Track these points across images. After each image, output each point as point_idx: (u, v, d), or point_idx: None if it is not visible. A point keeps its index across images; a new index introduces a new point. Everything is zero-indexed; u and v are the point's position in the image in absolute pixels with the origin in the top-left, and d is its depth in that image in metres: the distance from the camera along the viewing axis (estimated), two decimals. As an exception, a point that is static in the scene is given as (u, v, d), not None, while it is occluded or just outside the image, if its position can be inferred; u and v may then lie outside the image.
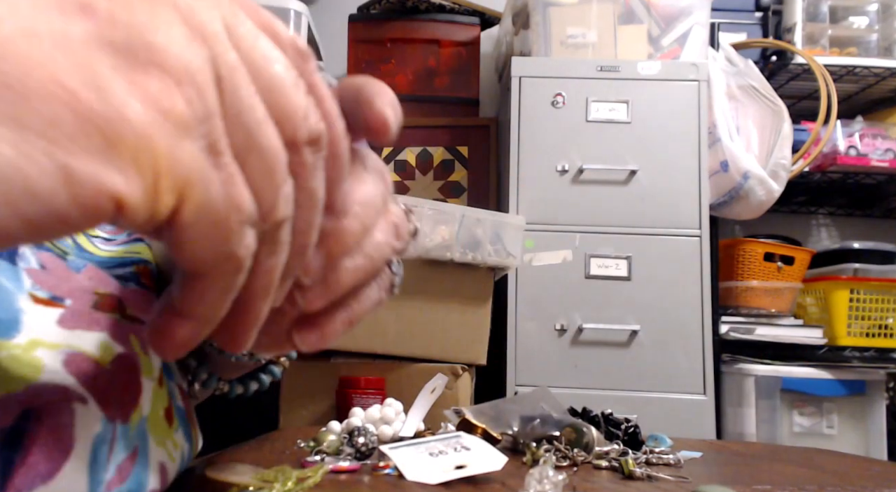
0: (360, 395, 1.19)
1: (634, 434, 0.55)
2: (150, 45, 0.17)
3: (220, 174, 0.19)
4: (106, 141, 0.16)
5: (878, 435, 1.68)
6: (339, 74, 2.08)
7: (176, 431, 0.36)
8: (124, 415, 0.30)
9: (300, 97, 0.21)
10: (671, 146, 1.64)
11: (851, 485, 0.44)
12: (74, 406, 0.27)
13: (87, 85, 0.16)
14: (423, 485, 0.39)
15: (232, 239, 0.20)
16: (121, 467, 0.30)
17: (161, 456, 0.33)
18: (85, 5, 0.17)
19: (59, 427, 0.26)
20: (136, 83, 0.17)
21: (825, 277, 1.83)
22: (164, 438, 0.34)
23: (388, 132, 0.25)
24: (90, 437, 0.28)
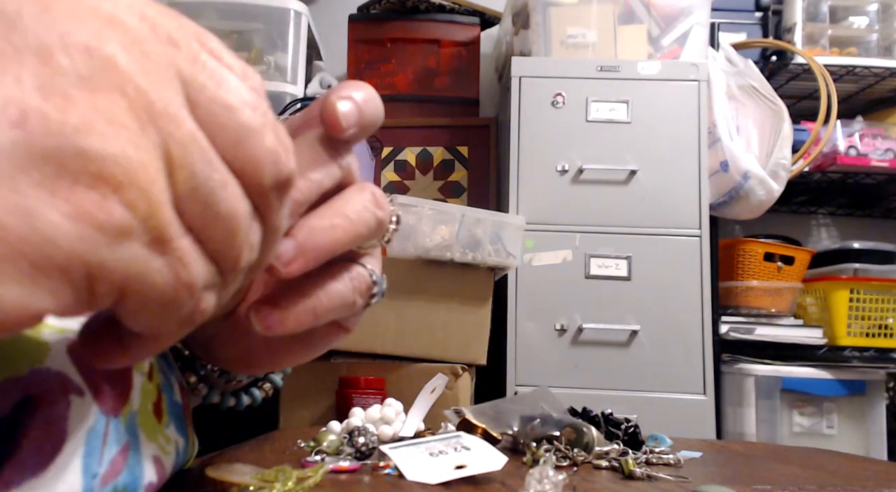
0: (360, 395, 1.19)
1: (634, 434, 0.55)
2: (83, 153, 0.16)
3: (168, 259, 0.18)
4: (33, 266, 0.16)
5: (878, 435, 1.68)
6: (339, 74, 2.08)
7: (167, 426, 0.36)
8: (116, 409, 0.30)
9: (268, 141, 0.20)
10: (671, 146, 1.64)
11: (851, 485, 0.44)
12: (71, 398, 0.28)
13: (12, 211, 0.16)
14: (423, 485, 0.39)
15: (183, 310, 0.19)
16: (114, 460, 0.30)
17: (154, 450, 0.33)
18: (19, 113, 0.16)
19: (53, 420, 0.27)
20: (67, 199, 0.16)
21: (825, 277, 1.83)
22: (155, 432, 0.34)
23: (336, 123, 0.25)
24: (84, 430, 0.28)
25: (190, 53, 0.19)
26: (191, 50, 0.19)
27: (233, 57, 0.21)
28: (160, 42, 0.18)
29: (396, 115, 1.99)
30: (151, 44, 0.18)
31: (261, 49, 1.88)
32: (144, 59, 0.17)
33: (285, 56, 1.87)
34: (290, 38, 1.88)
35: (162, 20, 0.18)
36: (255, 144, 0.19)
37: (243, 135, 0.19)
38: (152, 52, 0.18)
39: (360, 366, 1.29)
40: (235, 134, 0.19)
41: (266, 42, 1.89)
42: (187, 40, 0.19)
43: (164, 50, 0.18)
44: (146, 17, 0.18)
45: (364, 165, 1.79)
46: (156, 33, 0.18)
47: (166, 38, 0.18)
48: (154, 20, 0.18)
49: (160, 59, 0.18)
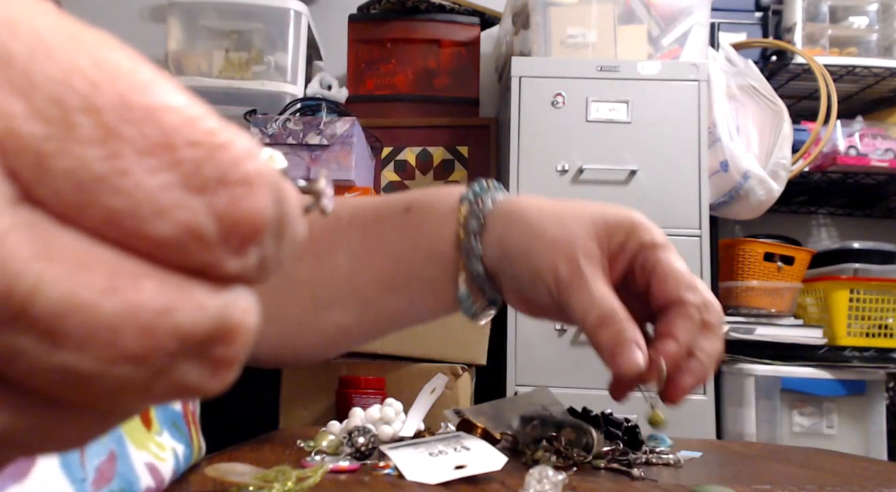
0: (360, 395, 1.19)
1: (634, 434, 0.55)
2: None
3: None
4: None
5: (878, 435, 1.68)
6: (339, 74, 2.08)
7: (159, 434, 0.36)
8: None
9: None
10: (671, 146, 1.64)
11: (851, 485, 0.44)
12: None
13: None
14: (423, 485, 0.39)
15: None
16: (101, 468, 0.30)
17: (146, 457, 0.33)
18: None
19: None
20: None
21: (825, 277, 1.82)
22: (145, 440, 0.34)
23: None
24: None
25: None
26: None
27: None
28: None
29: (396, 116, 1.99)
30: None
31: (261, 49, 1.88)
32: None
33: (285, 56, 1.87)
34: (290, 38, 1.88)
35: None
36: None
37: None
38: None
39: (360, 366, 1.29)
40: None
41: (266, 42, 1.89)
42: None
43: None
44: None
45: (364, 166, 1.79)
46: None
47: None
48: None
49: None
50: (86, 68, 0.11)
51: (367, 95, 2.01)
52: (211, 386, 0.12)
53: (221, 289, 0.12)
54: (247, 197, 0.11)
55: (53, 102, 0.10)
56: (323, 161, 1.61)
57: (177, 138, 0.11)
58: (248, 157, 0.11)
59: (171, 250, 0.11)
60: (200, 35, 1.89)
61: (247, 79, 1.84)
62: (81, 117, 0.10)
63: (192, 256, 0.11)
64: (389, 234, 0.45)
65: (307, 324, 0.47)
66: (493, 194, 0.44)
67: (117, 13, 2.17)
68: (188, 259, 0.11)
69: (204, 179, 0.11)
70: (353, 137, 1.63)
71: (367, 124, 1.82)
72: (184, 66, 1.85)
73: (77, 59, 0.11)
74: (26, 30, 0.11)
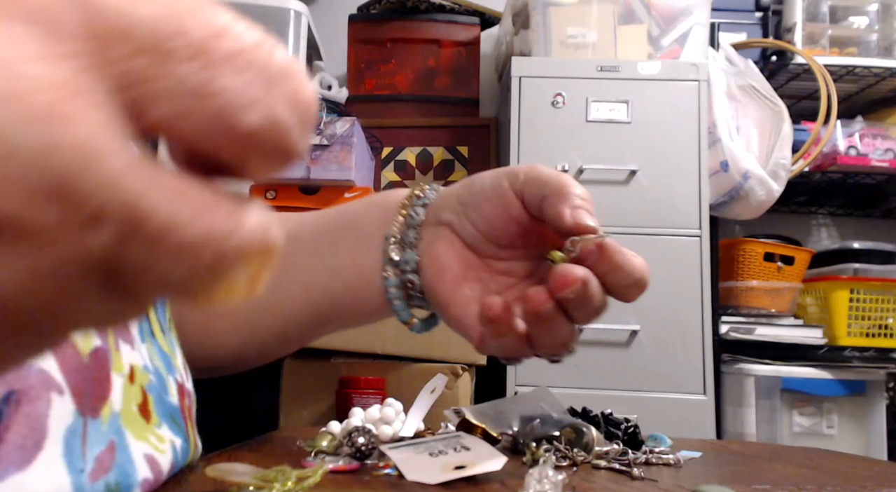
0: (360, 395, 1.19)
1: (634, 434, 0.55)
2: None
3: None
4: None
5: (878, 435, 1.68)
6: (339, 74, 2.08)
7: (158, 426, 0.36)
8: (94, 409, 0.31)
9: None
10: (671, 146, 1.64)
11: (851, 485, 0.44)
12: (52, 396, 0.28)
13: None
14: (422, 485, 0.39)
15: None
16: (100, 458, 0.30)
17: (145, 449, 0.34)
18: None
19: (35, 416, 0.27)
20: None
21: (825, 277, 1.82)
22: (144, 432, 0.34)
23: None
24: (62, 429, 0.28)
25: None
26: None
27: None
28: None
29: (396, 116, 1.99)
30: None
31: (261, 49, 1.88)
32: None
33: (285, 56, 1.87)
34: (290, 38, 1.88)
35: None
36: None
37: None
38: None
39: (360, 366, 1.29)
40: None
41: (266, 42, 1.89)
42: None
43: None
44: None
45: (364, 166, 1.79)
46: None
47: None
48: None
49: None
50: (165, 2, 0.13)
51: (367, 95, 2.01)
52: (250, 292, 0.14)
53: (262, 212, 0.14)
54: (304, 86, 0.14)
55: (151, 37, 0.13)
56: (323, 161, 1.61)
57: (247, 43, 0.14)
58: (290, 57, 0.14)
59: (260, 138, 0.14)
60: (200, 35, 1.89)
61: (247, 79, 1.84)
62: (175, 42, 0.13)
63: (275, 142, 0.14)
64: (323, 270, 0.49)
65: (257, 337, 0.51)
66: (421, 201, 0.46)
67: None
68: (273, 146, 0.14)
69: (272, 74, 0.14)
70: (353, 137, 1.63)
71: (367, 124, 1.82)
72: (184, 66, 1.85)
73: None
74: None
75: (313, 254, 0.48)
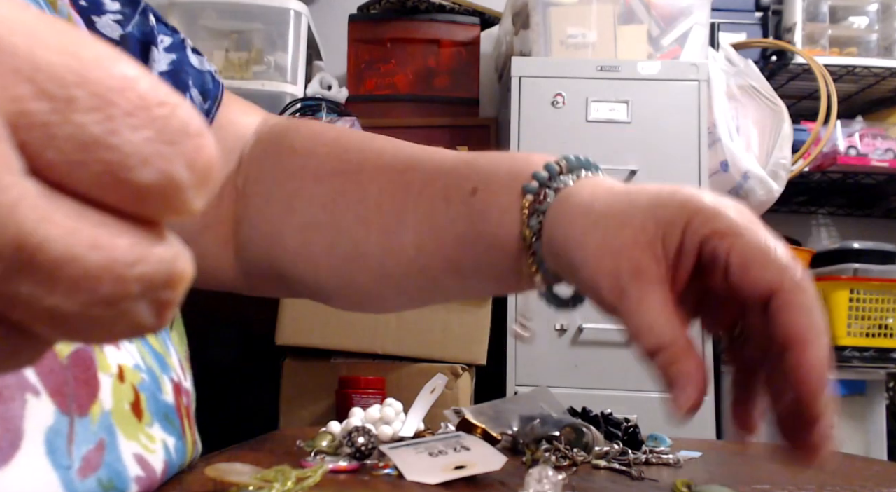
0: (360, 395, 1.19)
1: (634, 434, 0.55)
2: None
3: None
4: None
5: (878, 435, 1.68)
6: (339, 74, 2.08)
7: (149, 425, 0.36)
8: (81, 408, 0.31)
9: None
10: (671, 146, 1.64)
11: (851, 485, 0.44)
12: (27, 397, 0.28)
13: None
14: (422, 485, 0.39)
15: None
16: (88, 457, 0.30)
17: (135, 448, 0.34)
18: None
19: (9, 417, 0.27)
20: None
21: (825, 277, 1.82)
22: (135, 431, 0.34)
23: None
24: (41, 428, 0.28)
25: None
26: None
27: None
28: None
29: (396, 116, 1.99)
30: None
31: (261, 49, 1.88)
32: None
33: (285, 56, 1.87)
34: (290, 38, 1.88)
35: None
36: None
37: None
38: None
39: (360, 366, 1.29)
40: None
41: (266, 42, 1.89)
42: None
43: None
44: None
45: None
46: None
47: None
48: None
49: None
50: (73, 50, 0.13)
51: (367, 95, 2.01)
52: (157, 325, 0.14)
53: (171, 242, 0.14)
54: (204, 144, 0.14)
55: (55, 82, 0.13)
56: (323, 161, 1.61)
57: (150, 100, 0.13)
58: (195, 114, 0.14)
59: (153, 194, 0.13)
60: (200, 35, 1.89)
61: (247, 79, 1.84)
62: (78, 91, 0.13)
63: (168, 199, 0.14)
64: (456, 218, 0.43)
65: (374, 293, 0.48)
66: (556, 183, 0.40)
67: (117, 13, 2.17)
68: (166, 202, 0.14)
69: (173, 132, 0.13)
70: (353, 137, 1.63)
71: (367, 124, 1.82)
72: (184, 66, 1.85)
73: (64, 43, 0.13)
74: (20, 24, 0.13)
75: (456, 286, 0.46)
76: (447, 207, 0.44)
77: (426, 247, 0.44)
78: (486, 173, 0.43)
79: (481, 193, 0.42)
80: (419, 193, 0.45)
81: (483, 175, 0.43)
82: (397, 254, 0.45)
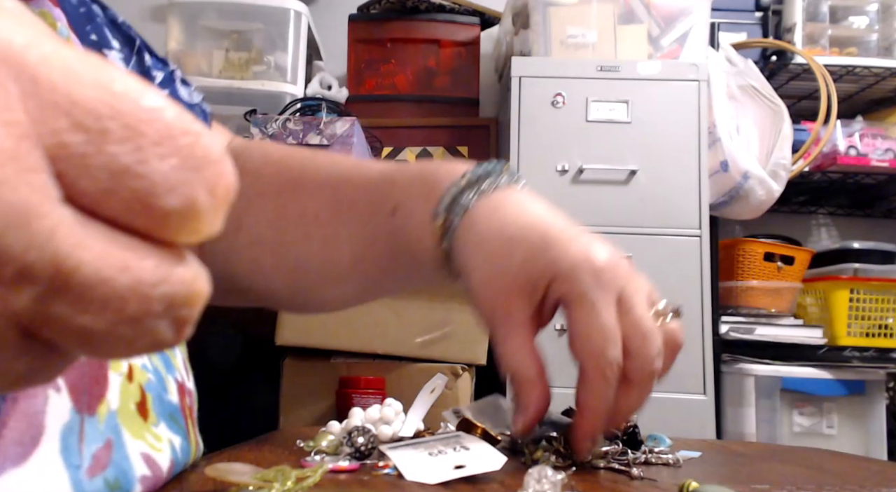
0: (360, 395, 1.19)
1: (634, 434, 0.55)
2: None
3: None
4: None
5: (878, 435, 1.68)
6: (339, 74, 2.08)
7: (155, 425, 0.36)
8: (91, 407, 0.31)
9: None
10: (671, 146, 1.64)
11: (851, 485, 0.44)
12: (49, 393, 0.28)
13: None
14: (422, 485, 0.39)
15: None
16: (97, 455, 0.30)
17: (142, 447, 0.34)
18: None
19: (32, 413, 0.27)
20: None
21: (825, 277, 1.82)
22: (141, 430, 0.34)
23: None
24: (59, 426, 0.29)
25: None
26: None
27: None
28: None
29: (396, 116, 1.99)
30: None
31: (261, 49, 1.88)
32: None
33: (285, 56, 1.87)
34: (290, 38, 1.88)
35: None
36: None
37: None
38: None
39: (360, 366, 1.29)
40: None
41: (266, 42, 1.89)
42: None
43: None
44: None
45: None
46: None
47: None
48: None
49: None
50: (106, 84, 0.14)
51: (367, 95, 2.01)
52: (175, 341, 0.15)
53: (191, 262, 0.15)
54: (224, 171, 0.15)
55: (90, 115, 0.13)
56: (323, 161, 1.61)
57: (175, 130, 0.14)
58: (216, 141, 0.15)
59: (177, 219, 0.14)
60: (200, 35, 1.89)
61: (247, 79, 1.84)
62: (111, 123, 0.14)
63: (189, 222, 0.14)
64: (381, 234, 0.48)
65: (321, 297, 0.54)
66: (460, 205, 0.45)
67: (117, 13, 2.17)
68: (187, 225, 0.14)
69: (197, 160, 0.14)
70: (353, 137, 1.63)
71: (367, 124, 1.82)
72: (184, 66, 1.85)
73: (97, 77, 0.14)
74: (59, 61, 0.14)
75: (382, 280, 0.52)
76: (373, 224, 0.49)
77: (361, 256, 0.50)
78: (402, 192, 0.48)
79: (399, 212, 0.47)
80: (349, 209, 0.50)
81: (400, 193, 0.48)
82: (336, 263, 0.50)
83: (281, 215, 0.51)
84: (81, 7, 0.47)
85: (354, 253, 0.49)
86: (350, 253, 0.49)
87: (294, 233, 0.51)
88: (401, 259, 0.48)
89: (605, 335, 0.41)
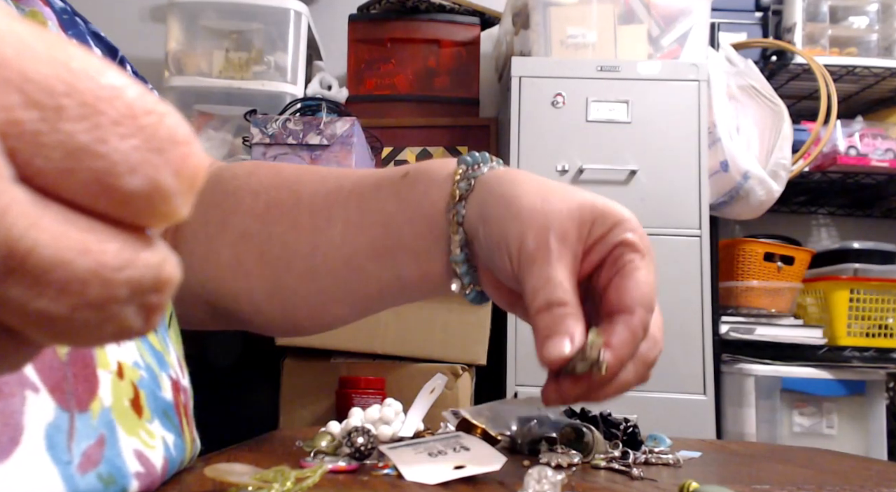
0: (359, 395, 1.19)
1: (633, 434, 0.55)
2: None
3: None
4: None
5: (878, 435, 1.68)
6: (339, 74, 2.08)
7: (149, 421, 0.36)
8: (81, 404, 0.31)
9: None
10: (671, 146, 1.64)
11: (851, 485, 0.44)
12: (26, 393, 0.28)
13: None
14: (422, 485, 0.39)
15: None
16: (87, 452, 0.30)
17: (135, 444, 0.34)
18: None
19: (9, 413, 0.27)
20: None
21: (825, 277, 1.82)
22: (135, 427, 0.35)
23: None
24: (43, 424, 0.29)
25: None
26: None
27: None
28: None
29: (396, 116, 1.99)
30: None
31: (261, 49, 1.88)
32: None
33: (285, 56, 1.87)
34: (290, 38, 1.88)
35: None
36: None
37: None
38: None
39: (360, 366, 1.29)
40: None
41: (266, 42, 1.89)
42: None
43: None
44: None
45: (364, 165, 1.78)
46: None
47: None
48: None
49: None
50: (63, 61, 0.13)
51: (367, 95, 2.01)
52: (144, 328, 0.14)
53: (158, 247, 0.14)
54: (192, 152, 0.14)
55: (44, 91, 0.13)
56: (323, 161, 1.61)
57: (138, 109, 0.14)
58: (182, 123, 0.14)
59: (140, 201, 0.14)
60: (200, 35, 1.89)
61: (247, 79, 1.84)
62: (67, 100, 0.13)
63: (155, 205, 0.14)
64: (385, 200, 0.46)
65: (302, 295, 0.50)
66: (490, 164, 0.44)
67: (117, 13, 2.17)
68: (153, 209, 0.14)
69: (160, 141, 0.14)
70: (353, 137, 1.63)
71: (367, 124, 1.82)
72: (184, 66, 1.85)
73: (54, 54, 0.13)
74: (10, 35, 0.13)
75: (379, 266, 0.48)
76: (377, 193, 0.47)
77: (351, 235, 0.47)
78: (419, 163, 0.47)
79: (412, 174, 0.46)
80: (350, 191, 0.48)
81: (416, 164, 0.47)
82: (324, 248, 0.48)
83: (273, 205, 0.50)
84: (65, 15, 0.47)
85: (345, 232, 0.47)
86: (340, 233, 0.47)
87: (283, 223, 0.49)
88: (398, 225, 0.45)
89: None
